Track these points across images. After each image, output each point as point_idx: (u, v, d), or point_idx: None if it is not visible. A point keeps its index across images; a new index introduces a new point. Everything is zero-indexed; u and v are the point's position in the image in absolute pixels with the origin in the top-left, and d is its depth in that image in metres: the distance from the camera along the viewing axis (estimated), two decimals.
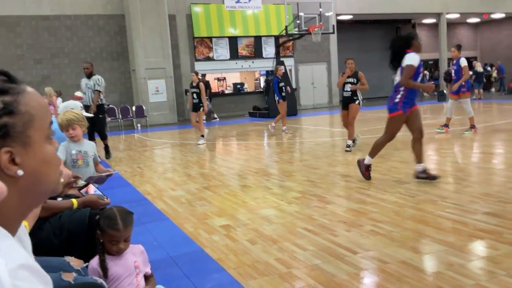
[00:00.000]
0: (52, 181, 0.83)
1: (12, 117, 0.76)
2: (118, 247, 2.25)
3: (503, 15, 26.41)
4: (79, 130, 3.55)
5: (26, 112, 0.78)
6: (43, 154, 0.80)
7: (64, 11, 17.43)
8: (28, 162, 0.78)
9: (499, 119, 11.83)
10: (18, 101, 0.77)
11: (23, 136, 0.77)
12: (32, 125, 0.78)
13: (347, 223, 4.08)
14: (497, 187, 4.98)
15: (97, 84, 8.85)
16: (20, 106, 0.77)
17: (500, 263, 2.99)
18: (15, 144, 0.76)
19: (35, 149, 0.79)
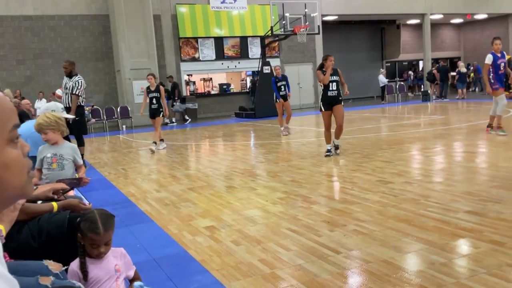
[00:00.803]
0: (15, 186, 0.80)
1: None
2: (99, 250, 2.23)
3: (485, 15, 26.79)
4: (51, 135, 3.48)
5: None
6: (3, 158, 0.78)
7: (47, 11, 17.23)
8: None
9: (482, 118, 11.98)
10: None
11: None
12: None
13: (331, 223, 4.10)
14: (479, 186, 5.05)
15: (76, 88, 8.26)
16: None
17: (480, 261, 3.03)
18: None
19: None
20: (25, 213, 2.32)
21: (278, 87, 11.34)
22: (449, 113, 14.55)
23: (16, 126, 0.81)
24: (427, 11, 24.28)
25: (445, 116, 13.46)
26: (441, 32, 29.29)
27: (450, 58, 28.79)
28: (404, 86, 23.61)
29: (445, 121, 12.26)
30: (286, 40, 19.41)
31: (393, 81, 25.50)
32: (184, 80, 19.96)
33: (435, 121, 12.10)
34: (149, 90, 9.89)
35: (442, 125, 11.28)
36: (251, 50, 20.74)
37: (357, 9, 22.58)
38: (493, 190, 4.79)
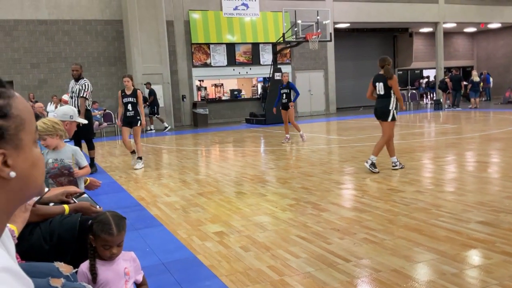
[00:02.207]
0: (38, 184, 0.85)
1: (6, 120, 0.77)
2: (111, 252, 2.24)
3: (499, 25, 26.60)
4: (50, 140, 3.47)
5: (17, 115, 0.79)
6: (32, 156, 0.82)
7: (62, 15, 17.45)
8: (19, 165, 0.79)
9: (495, 128, 11.87)
10: (10, 104, 0.78)
11: (15, 139, 0.78)
12: (23, 128, 0.80)
13: (341, 230, 4.07)
14: (491, 196, 4.99)
15: (83, 90, 8.25)
16: (13, 110, 0.78)
17: (492, 272, 2.99)
18: (8, 147, 0.77)
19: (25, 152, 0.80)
20: (37, 214, 2.33)
21: (281, 94, 11.20)
22: (462, 122, 14.43)
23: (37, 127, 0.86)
24: (440, 19, 24.17)
25: (457, 125, 13.36)
26: (454, 40, 29.12)
27: (462, 67, 28.59)
28: (416, 94, 23.48)
29: (457, 130, 12.16)
30: (298, 47, 19.43)
31: (405, 89, 25.37)
32: (195, 85, 20.05)
33: (447, 130, 12.01)
34: (124, 94, 8.48)
35: (454, 134, 11.19)
36: (263, 56, 20.78)
37: (369, 17, 22.55)
38: (506, 201, 4.74)
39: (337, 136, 12.96)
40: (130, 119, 8.45)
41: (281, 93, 11.18)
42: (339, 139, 11.74)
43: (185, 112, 19.55)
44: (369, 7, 22.34)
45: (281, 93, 11.17)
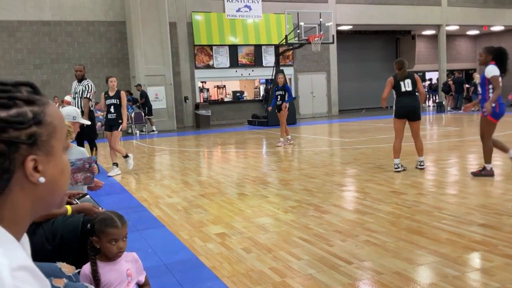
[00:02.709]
0: (63, 190, 0.86)
1: (40, 127, 0.79)
2: (119, 245, 2.25)
3: (502, 27, 26.56)
4: None
5: (50, 122, 0.81)
6: (62, 163, 0.84)
7: (65, 17, 17.50)
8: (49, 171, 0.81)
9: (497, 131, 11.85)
10: (44, 112, 0.81)
11: (47, 145, 0.80)
12: (55, 135, 0.82)
13: (343, 233, 4.07)
14: (493, 199, 4.98)
15: (86, 91, 8.23)
16: (46, 117, 0.81)
17: (494, 275, 2.99)
18: (40, 153, 0.79)
19: (56, 159, 0.82)
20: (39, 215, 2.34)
21: (276, 96, 11.09)
22: (464, 124, 14.42)
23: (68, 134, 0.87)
24: (442, 22, 24.16)
25: (460, 128, 13.34)
26: (457, 43, 29.09)
27: (465, 70, 28.56)
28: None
29: (459, 132, 12.14)
30: (300, 49, 19.44)
31: None
32: (198, 87, 20.08)
33: (450, 132, 11.99)
34: (107, 95, 8.02)
35: (456, 136, 11.17)
36: (265, 58, 20.80)
37: (372, 19, 22.55)
38: (508, 204, 4.73)
39: (339, 138, 12.96)
40: (111, 122, 7.99)
41: (276, 95, 11.06)
42: (341, 141, 11.74)
43: (187, 113, 19.58)
44: (371, 9, 22.35)
45: (276, 95, 11.05)
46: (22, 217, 0.80)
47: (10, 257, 0.70)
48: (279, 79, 11.11)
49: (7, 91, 0.79)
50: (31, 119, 0.78)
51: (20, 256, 0.73)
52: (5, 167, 0.76)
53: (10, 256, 0.70)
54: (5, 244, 0.73)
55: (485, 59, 6.11)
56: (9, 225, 0.77)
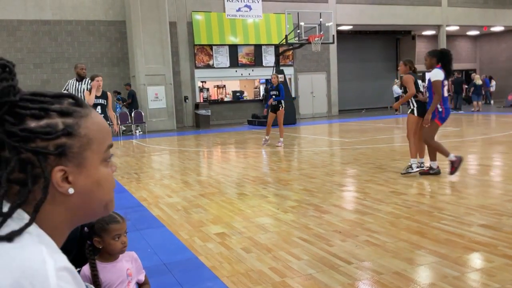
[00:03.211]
0: (101, 202, 0.86)
1: (71, 139, 0.80)
2: (122, 240, 2.25)
3: (502, 28, 26.57)
4: None
5: (85, 135, 0.82)
6: (97, 175, 0.84)
7: (65, 16, 17.49)
8: (80, 182, 0.81)
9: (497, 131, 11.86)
10: (79, 124, 0.82)
11: (79, 157, 0.81)
12: (89, 148, 0.82)
13: (343, 233, 4.07)
14: (493, 200, 4.98)
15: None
16: (80, 129, 0.81)
17: (494, 276, 2.99)
18: (70, 164, 0.80)
19: (89, 170, 0.83)
20: None
21: (270, 95, 11.05)
22: (464, 125, 14.42)
23: (110, 147, 0.88)
24: (443, 22, 24.16)
25: (459, 128, 13.35)
26: (457, 44, 29.09)
27: (465, 70, 28.56)
28: None
29: (459, 133, 12.14)
30: (300, 49, 19.44)
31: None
32: (198, 86, 20.08)
33: (450, 133, 11.99)
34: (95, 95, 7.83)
35: (456, 137, 11.17)
36: (265, 58, 20.80)
37: (372, 19, 22.55)
38: (508, 204, 4.73)
39: (339, 138, 12.96)
40: None
41: (271, 95, 11.01)
42: (341, 141, 11.74)
43: (187, 113, 19.58)
44: (372, 9, 22.34)
45: (271, 95, 11.01)
46: (58, 225, 0.82)
47: (55, 258, 0.73)
48: (273, 79, 11.11)
49: (41, 102, 0.81)
50: (60, 130, 0.79)
51: (63, 258, 0.76)
52: (36, 173, 0.77)
53: (55, 257, 0.73)
54: (49, 247, 0.75)
55: (430, 62, 6.21)
56: (47, 232, 0.79)
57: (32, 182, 0.78)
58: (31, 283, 0.69)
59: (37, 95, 0.83)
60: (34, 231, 0.77)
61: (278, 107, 10.92)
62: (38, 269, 0.70)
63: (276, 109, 10.96)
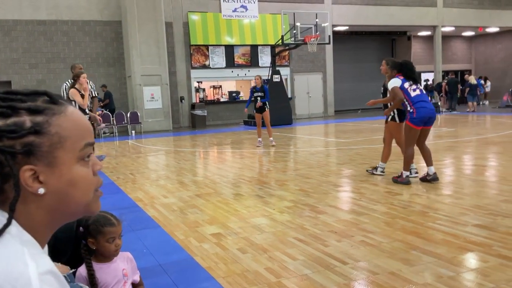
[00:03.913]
0: (79, 203, 0.83)
1: (39, 137, 0.77)
2: (116, 243, 2.25)
3: (497, 29, 26.68)
4: None
5: (56, 133, 0.79)
6: (70, 175, 0.81)
7: (60, 16, 17.44)
8: (52, 182, 0.79)
9: (492, 131, 11.91)
10: (49, 122, 0.79)
11: (49, 156, 0.78)
12: (62, 146, 0.79)
13: (338, 233, 4.08)
14: (488, 200, 5.00)
15: (93, 90, 8.16)
16: (51, 127, 0.79)
17: (489, 276, 3.00)
18: (39, 163, 0.78)
19: (61, 170, 0.80)
20: None
21: (254, 97, 11.11)
22: (459, 125, 14.47)
23: (89, 145, 0.84)
24: (438, 23, 24.24)
25: (454, 129, 13.39)
26: (452, 44, 29.20)
27: (461, 71, 28.67)
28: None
29: (454, 133, 12.18)
30: (297, 49, 19.46)
31: None
32: (194, 87, 20.06)
33: (445, 133, 12.03)
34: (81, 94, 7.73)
35: (451, 137, 11.21)
36: (261, 58, 20.81)
37: (368, 20, 22.60)
38: (503, 204, 4.75)
39: (335, 138, 12.98)
40: None
41: (255, 97, 11.06)
42: (337, 142, 11.76)
43: (183, 113, 19.56)
44: (367, 10, 22.39)
45: (255, 96, 11.06)
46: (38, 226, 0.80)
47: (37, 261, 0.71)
48: (257, 81, 11.16)
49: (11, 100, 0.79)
50: (27, 128, 0.77)
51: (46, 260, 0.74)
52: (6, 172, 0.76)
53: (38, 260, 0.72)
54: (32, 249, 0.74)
55: (390, 73, 6.13)
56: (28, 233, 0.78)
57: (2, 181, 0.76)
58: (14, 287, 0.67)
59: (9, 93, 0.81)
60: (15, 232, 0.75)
61: (264, 108, 11.09)
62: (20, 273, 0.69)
63: (262, 110, 11.11)
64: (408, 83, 5.98)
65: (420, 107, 5.84)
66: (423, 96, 5.99)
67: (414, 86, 6.00)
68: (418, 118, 5.82)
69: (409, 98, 5.92)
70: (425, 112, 5.84)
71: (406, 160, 6.02)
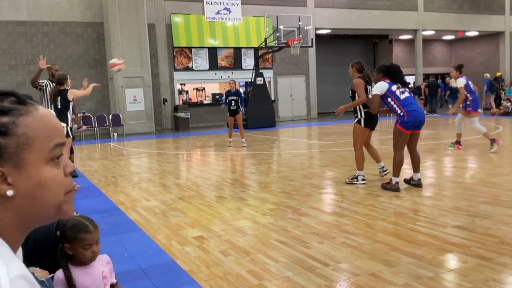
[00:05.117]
0: (49, 205, 0.81)
1: (5, 138, 0.76)
2: (93, 250, 2.22)
3: (476, 33, 27.16)
4: None
5: (22, 134, 0.77)
6: (39, 177, 0.79)
7: (41, 17, 17.20)
8: (21, 184, 0.78)
9: (471, 134, 12.11)
10: (16, 123, 0.77)
11: (16, 158, 0.77)
12: (29, 147, 0.78)
13: (320, 235, 4.10)
14: (467, 201, 5.09)
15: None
16: (17, 128, 0.77)
17: (467, 276, 3.05)
18: (6, 165, 0.76)
19: (29, 172, 0.78)
20: None
21: (229, 101, 11.53)
22: (439, 128, 14.68)
23: (59, 145, 0.82)
24: (419, 27, 24.58)
25: (435, 131, 13.58)
26: (433, 48, 29.63)
27: (441, 74, 29.10)
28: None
29: (435, 136, 12.36)
30: (280, 52, 19.52)
31: None
32: (177, 89, 19.97)
33: (425, 136, 12.19)
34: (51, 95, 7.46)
35: (431, 140, 11.36)
36: (245, 61, 20.82)
37: (350, 23, 22.80)
38: (481, 206, 4.83)
39: (318, 141, 13.05)
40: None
41: (229, 100, 11.52)
42: (320, 144, 11.82)
43: (166, 115, 19.45)
44: (350, 13, 22.59)
45: (230, 100, 11.52)
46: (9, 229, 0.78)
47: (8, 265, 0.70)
48: (231, 85, 11.64)
49: None
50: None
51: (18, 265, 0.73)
52: None
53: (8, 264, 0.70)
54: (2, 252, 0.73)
55: (377, 77, 6.12)
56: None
57: None
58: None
59: None
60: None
61: (237, 111, 11.57)
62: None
63: (235, 113, 11.56)
64: (395, 86, 5.89)
65: (411, 110, 5.75)
66: (412, 99, 5.93)
67: (402, 89, 5.91)
68: (409, 122, 5.73)
69: (398, 101, 5.82)
70: (416, 116, 5.76)
71: (395, 165, 5.90)
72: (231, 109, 11.54)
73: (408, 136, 5.86)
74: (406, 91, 5.94)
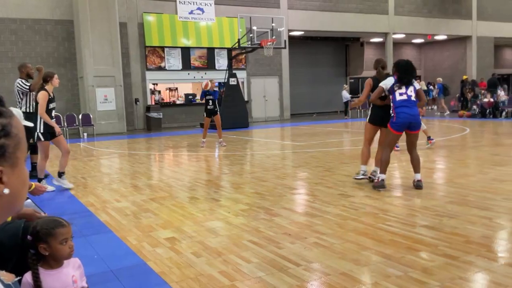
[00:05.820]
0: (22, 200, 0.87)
1: (8, 139, 0.79)
2: (70, 244, 2.20)
3: (445, 37, 27.86)
4: None
5: (16, 135, 0.81)
6: (24, 175, 0.84)
7: (9, 14, 16.75)
8: (12, 182, 0.81)
9: (440, 135, 12.40)
10: (11, 123, 0.80)
11: (13, 157, 0.80)
12: (19, 147, 0.82)
13: (292, 235, 4.13)
14: (435, 201, 5.21)
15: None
16: (13, 129, 0.80)
17: (434, 274, 3.12)
18: (6, 164, 0.79)
19: (20, 170, 0.82)
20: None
21: (206, 100, 11.48)
22: None
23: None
24: (389, 30, 25.04)
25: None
26: (403, 51, 30.21)
27: None
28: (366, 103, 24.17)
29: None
30: (253, 53, 19.58)
31: (356, 97, 26.02)
32: (149, 89, 19.76)
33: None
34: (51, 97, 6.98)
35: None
36: (218, 61, 20.78)
37: (322, 25, 23.03)
38: (449, 206, 4.96)
39: (290, 141, 13.12)
40: (52, 129, 6.73)
41: (207, 100, 11.45)
42: (292, 145, 11.89)
43: (138, 115, 19.22)
44: (322, 16, 22.83)
45: (207, 99, 11.45)
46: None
47: None
48: (212, 84, 11.54)
49: None
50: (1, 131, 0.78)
51: None
52: None
53: None
54: None
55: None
56: None
57: None
58: None
59: None
60: None
61: (215, 111, 11.52)
62: None
63: (213, 114, 11.52)
64: (397, 86, 5.88)
65: (400, 112, 5.77)
66: (407, 102, 5.83)
67: (402, 90, 5.85)
68: (398, 124, 5.79)
69: (393, 101, 5.90)
70: (404, 117, 5.76)
71: (382, 163, 5.97)
72: (209, 109, 11.44)
73: (397, 137, 6.03)
74: (406, 93, 5.85)
